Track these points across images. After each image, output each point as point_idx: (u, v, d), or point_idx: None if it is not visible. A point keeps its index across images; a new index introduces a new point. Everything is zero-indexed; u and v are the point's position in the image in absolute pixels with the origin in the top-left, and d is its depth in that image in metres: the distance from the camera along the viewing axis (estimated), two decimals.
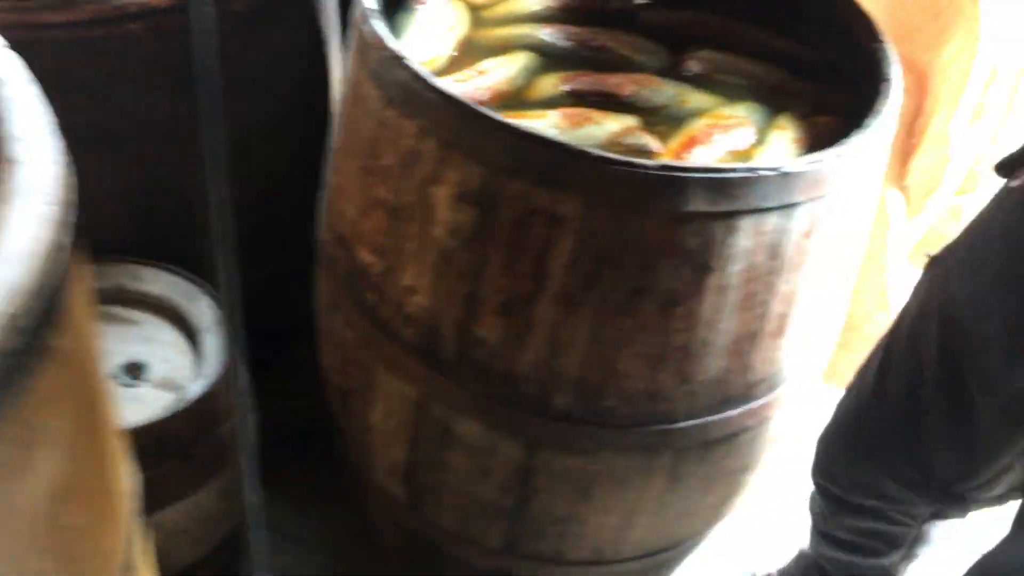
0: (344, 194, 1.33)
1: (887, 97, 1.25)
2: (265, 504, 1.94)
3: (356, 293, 1.34)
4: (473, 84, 1.32)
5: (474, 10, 1.50)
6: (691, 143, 1.28)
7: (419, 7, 1.44)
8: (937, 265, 1.36)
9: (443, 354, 1.26)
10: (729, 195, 1.09)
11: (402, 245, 1.23)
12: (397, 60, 1.16)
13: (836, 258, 1.26)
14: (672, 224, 1.10)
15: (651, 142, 1.28)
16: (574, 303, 1.16)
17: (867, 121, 1.20)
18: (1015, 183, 1.24)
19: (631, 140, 1.27)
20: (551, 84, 1.36)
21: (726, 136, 1.30)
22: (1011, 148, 1.27)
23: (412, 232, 1.21)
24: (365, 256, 1.30)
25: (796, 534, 1.74)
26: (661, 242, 1.11)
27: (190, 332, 1.61)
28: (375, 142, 1.22)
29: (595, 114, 1.31)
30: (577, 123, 1.28)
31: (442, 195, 1.16)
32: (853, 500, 1.46)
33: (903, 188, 1.85)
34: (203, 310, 1.63)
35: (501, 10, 1.51)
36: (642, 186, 1.08)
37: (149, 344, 1.56)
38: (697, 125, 1.32)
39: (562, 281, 1.14)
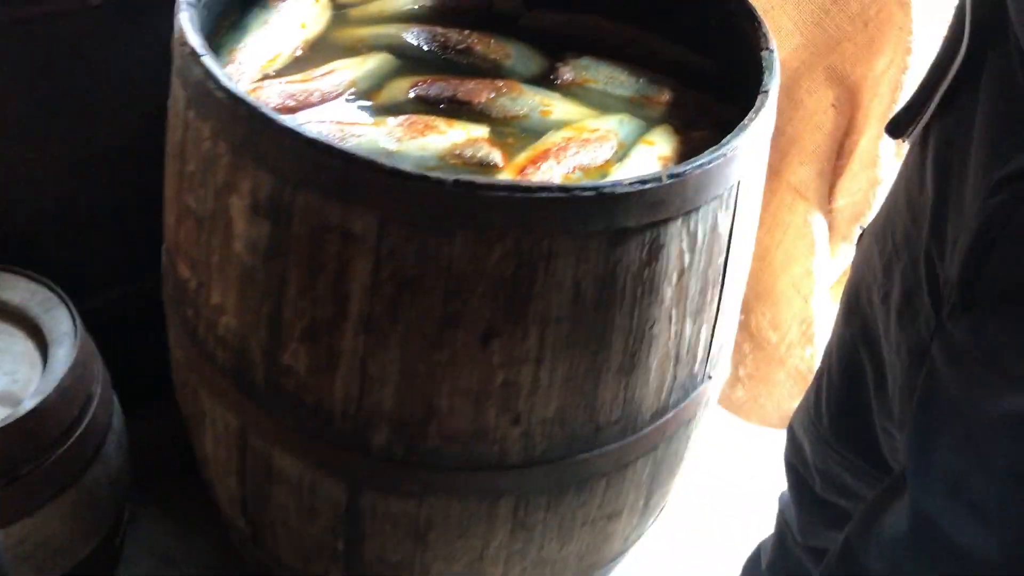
0: (167, 202, 1.22)
1: (757, 111, 1.11)
2: (144, 527, 1.85)
3: (180, 310, 1.23)
4: (312, 86, 1.21)
5: (340, 8, 1.39)
6: (540, 157, 1.16)
7: (276, 4, 1.33)
8: (860, 241, 1.26)
9: (256, 381, 1.14)
10: (541, 217, 0.97)
11: (209, 259, 1.12)
12: (194, 57, 1.05)
13: (692, 288, 1.12)
14: (480, 247, 0.98)
15: (494, 155, 1.15)
16: (381, 332, 1.03)
17: (727, 139, 1.07)
18: (909, 141, 1.11)
19: (472, 152, 1.15)
20: (401, 89, 1.25)
21: (583, 151, 1.18)
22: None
23: (216, 245, 1.10)
24: (183, 270, 1.19)
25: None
26: (470, 267, 0.99)
27: (43, 344, 1.52)
28: (183, 146, 1.11)
29: (441, 122, 1.19)
30: (418, 132, 1.17)
31: (238, 205, 1.05)
32: (825, 497, 1.31)
33: (829, 212, 1.70)
34: (60, 321, 1.54)
35: (371, 9, 1.40)
36: (441, 204, 0.96)
37: None
38: (554, 138, 1.20)
39: (364, 307, 1.02)
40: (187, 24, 1.08)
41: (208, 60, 1.03)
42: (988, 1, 0.96)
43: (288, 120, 0.97)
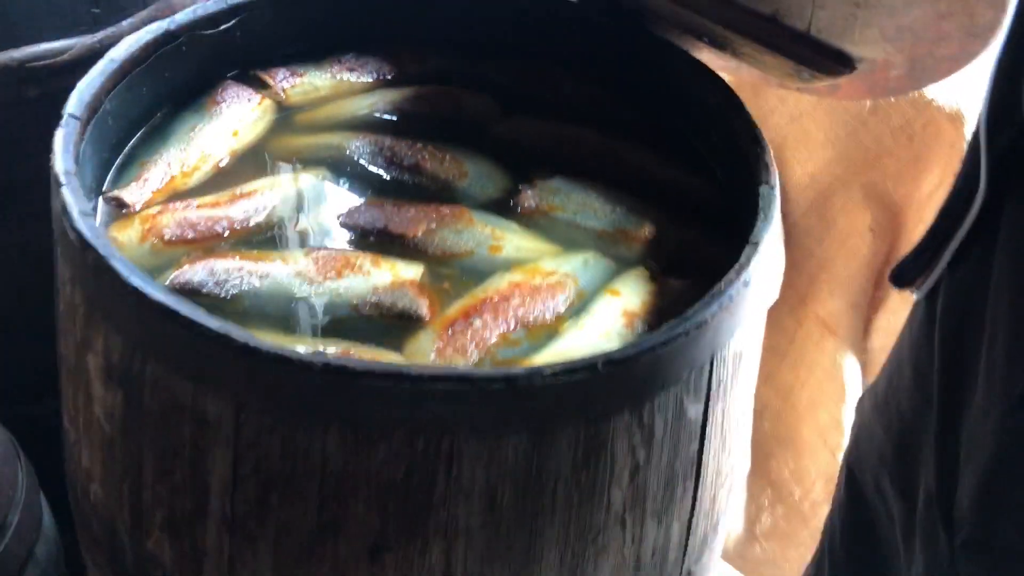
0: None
1: (740, 271, 0.89)
2: None
3: (68, 465, 1.06)
4: (219, 212, 1.03)
5: (285, 112, 1.22)
6: (475, 310, 0.95)
7: (212, 108, 1.17)
8: (860, 405, 1.06)
9: (126, 563, 0.95)
10: (436, 413, 0.76)
11: (78, 416, 0.94)
12: (57, 183, 0.88)
13: (653, 485, 0.89)
14: (360, 445, 0.77)
15: (418, 305, 0.95)
16: (248, 534, 0.83)
17: (694, 310, 0.84)
18: (918, 294, 0.89)
19: (392, 301, 0.95)
20: (327, 217, 1.06)
21: (530, 301, 0.97)
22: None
23: (80, 403, 0.92)
24: (65, 419, 1.02)
25: None
26: (349, 468, 0.78)
27: None
28: (59, 285, 0.95)
29: (366, 260, 0.99)
30: (334, 271, 0.98)
31: (94, 364, 0.87)
32: None
33: (864, 353, 1.45)
34: None
35: (320, 114, 1.22)
36: (308, 392, 0.76)
37: None
38: (497, 284, 0.99)
39: (226, 503, 0.82)
40: (59, 142, 0.92)
41: (67, 190, 0.86)
42: (1009, 133, 0.75)
43: (135, 274, 0.79)
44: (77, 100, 0.98)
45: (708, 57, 1.21)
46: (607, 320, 0.96)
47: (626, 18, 1.23)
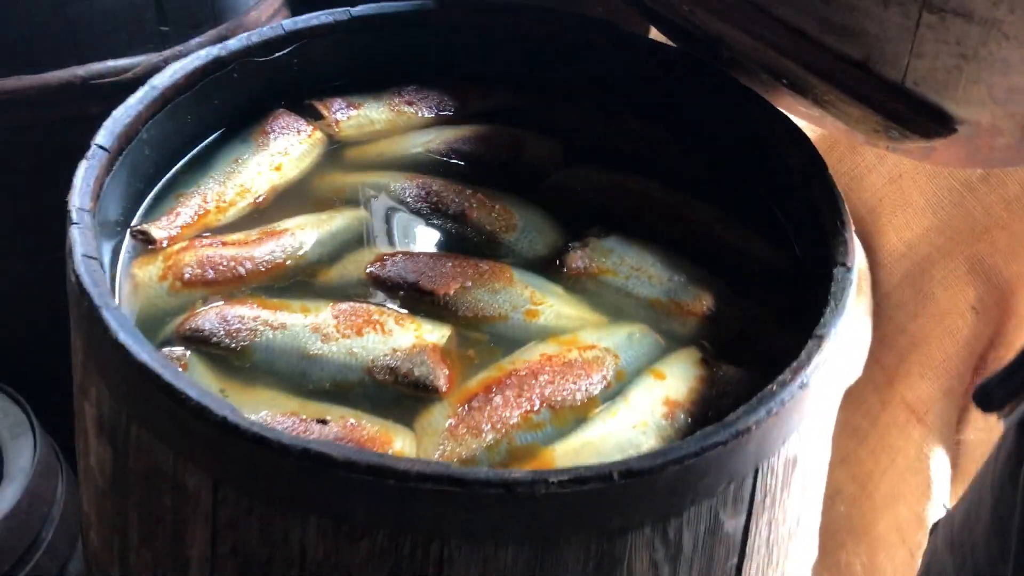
0: None
1: (796, 372, 0.77)
2: None
3: (80, 499, 1.02)
4: (243, 252, 0.97)
5: (334, 145, 1.16)
6: (498, 384, 0.86)
7: (260, 138, 1.13)
8: (932, 534, 0.90)
9: None
10: (424, 514, 0.67)
11: (80, 459, 0.91)
12: (69, 220, 0.84)
13: None
14: (341, 539, 0.70)
15: (436, 375, 0.87)
16: None
17: (733, 418, 0.73)
18: (1006, 421, 0.76)
19: (408, 367, 0.87)
20: (359, 265, 0.99)
21: (561, 379, 0.87)
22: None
23: (81, 447, 0.88)
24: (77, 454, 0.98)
25: None
26: (329, 561, 0.71)
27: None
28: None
29: (390, 318, 0.92)
30: (354, 328, 0.90)
31: (89, 413, 0.82)
32: None
33: (956, 445, 1.29)
34: (21, 452, 1.39)
35: (371, 150, 1.16)
36: (286, 478, 0.69)
37: None
38: (527, 355, 0.90)
39: None
40: (79, 176, 0.88)
41: (76, 230, 0.82)
42: None
43: (123, 329, 0.74)
44: (108, 130, 0.94)
45: (788, 102, 1.09)
46: (645, 408, 0.85)
47: (702, 52, 1.12)
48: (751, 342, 0.94)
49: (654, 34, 1.30)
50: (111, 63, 1.28)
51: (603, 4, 1.37)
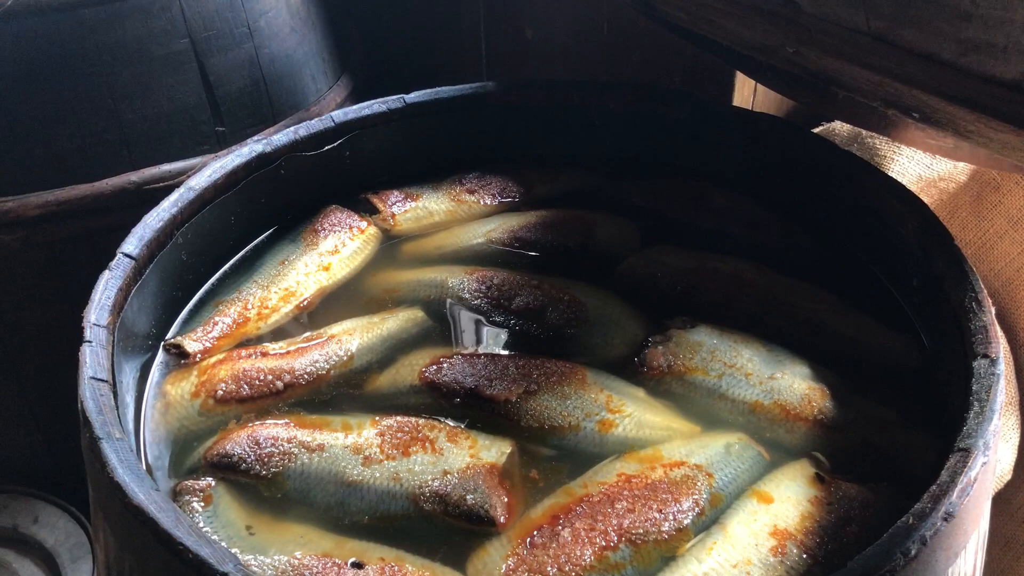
0: None
1: (943, 494, 0.61)
2: None
3: None
4: (282, 364, 0.87)
5: (391, 241, 1.07)
6: (566, 514, 0.72)
7: (311, 236, 1.04)
8: None
9: None
10: None
11: None
12: (82, 334, 0.76)
13: None
14: None
15: (492, 504, 0.73)
16: None
17: (858, 564, 0.58)
18: None
19: (459, 495, 0.74)
20: (412, 370, 0.88)
21: (642, 506, 0.72)
22: None
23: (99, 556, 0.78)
24: None
25: None
26: None
27: None
28: None
29: (441, 433, 0.80)
30: (400, 448, 0.78)
31: (100, 555, 0.72)
32: None
33: None
34: (81, 573, 1.32)
35: (428, 244, 1.06)
36: None
37: None
38: (604, 475, 0.75)
39: None
40: (98, 288, 0.80)
41: (87, 348, 0.74)
42: None
43: (123, 465, 0.64)
44: (137, 236, 0.87)
45: (913, 136, 0.94)
46: (748, 543, 0.69)
47: (807, 98, 0.98)
48: (874, 451, 0.78)
49: (740, 93, 1.18)
50: (165, 167, 1.24)
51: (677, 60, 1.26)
